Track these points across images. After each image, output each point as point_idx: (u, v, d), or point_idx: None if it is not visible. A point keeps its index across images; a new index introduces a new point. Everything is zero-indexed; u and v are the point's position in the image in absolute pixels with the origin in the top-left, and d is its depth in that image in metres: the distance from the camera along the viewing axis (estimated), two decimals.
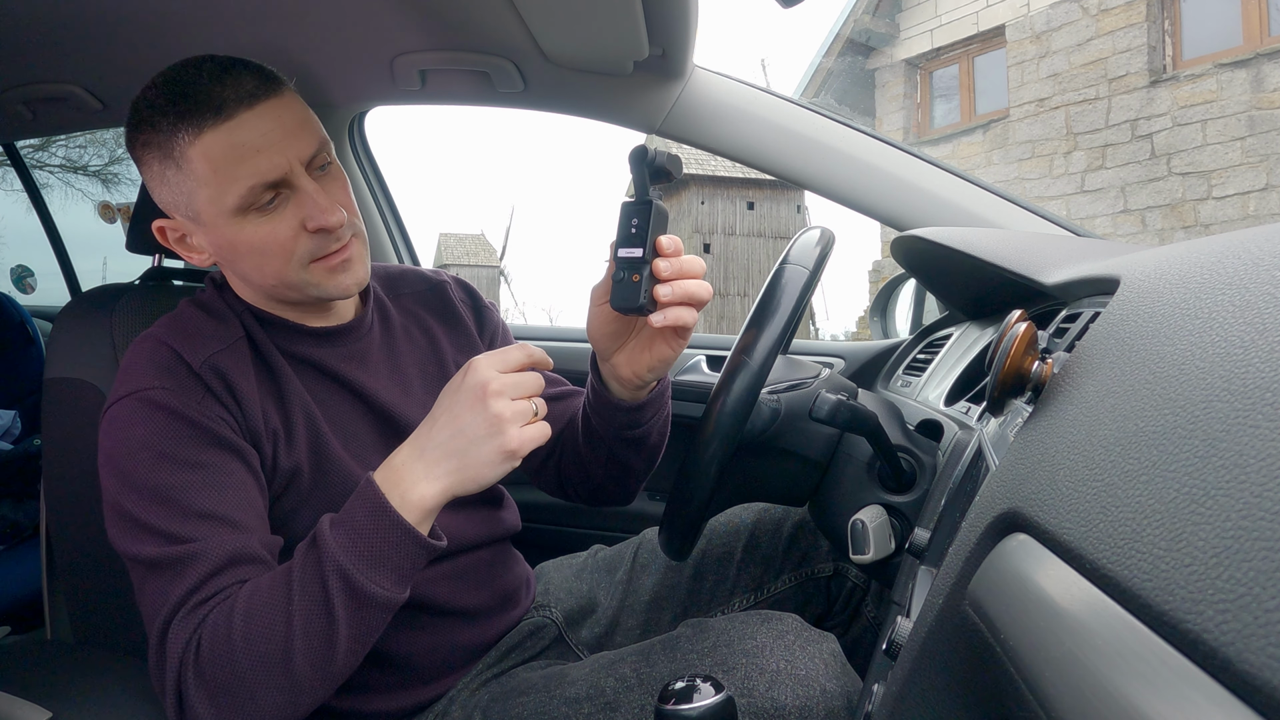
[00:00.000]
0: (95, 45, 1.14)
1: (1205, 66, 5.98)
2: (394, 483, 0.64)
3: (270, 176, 0.68)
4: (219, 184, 0.67)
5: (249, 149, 0.67)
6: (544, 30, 1.07)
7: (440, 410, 0.65)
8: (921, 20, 8.11)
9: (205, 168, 0.67)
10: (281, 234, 0.70)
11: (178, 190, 0.70)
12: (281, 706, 0.61)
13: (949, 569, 0.37)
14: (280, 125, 0.69)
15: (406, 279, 0.95)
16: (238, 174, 0.67)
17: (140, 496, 0.65)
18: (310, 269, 0.73)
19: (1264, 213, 5.66)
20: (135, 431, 0.67)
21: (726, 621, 0.78)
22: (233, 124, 0.67)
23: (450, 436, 0.63)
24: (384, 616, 0.64)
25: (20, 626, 1.55)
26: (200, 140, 0.67)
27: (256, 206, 0.69)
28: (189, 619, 0.63)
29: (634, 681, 0.75)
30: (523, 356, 0.66)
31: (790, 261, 0.76)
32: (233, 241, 0.71)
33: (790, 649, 0.72)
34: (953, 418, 0.90)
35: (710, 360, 1.56)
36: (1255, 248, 0.32)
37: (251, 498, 0.70)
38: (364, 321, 0.85)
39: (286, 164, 0.69)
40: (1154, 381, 0.29)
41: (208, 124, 0.66)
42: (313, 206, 0.70)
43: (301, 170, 0.70)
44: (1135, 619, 0.21)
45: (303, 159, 0.70)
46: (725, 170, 19.46)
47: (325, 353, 0.81)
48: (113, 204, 3.44)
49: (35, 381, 1.87)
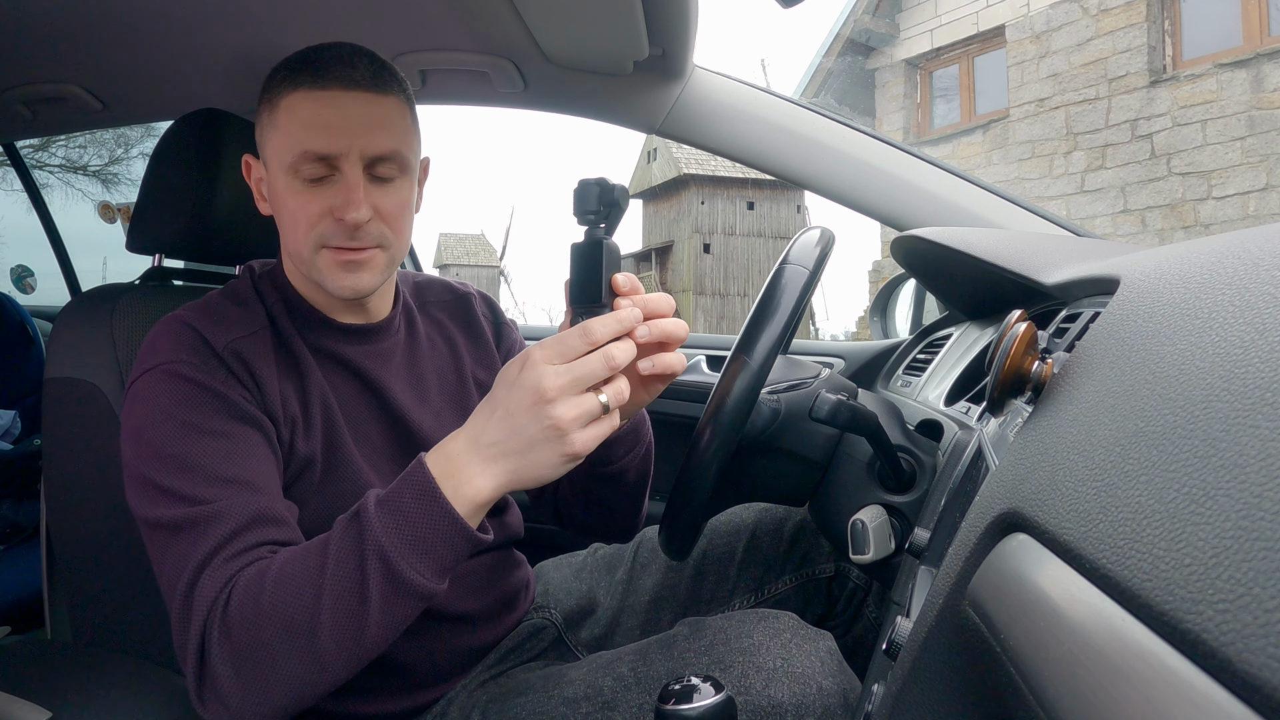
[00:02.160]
0: (95, 45, 1.14)
1: (1205, 66, 5.99)
2: (449, 472, 0.61)
3: (323, 150, 0.71)
4: (286, 138, 0.72)
5: (321, 121, 0.71)
6: (544, 30, 1.07)
7: (497, 402, 0.61)
8: (921, 20, 8.12)
9: (285, 119, 0.72)
10: (311, 209, 0.72)
11: (266, 132, 0.75)
12: (303, 680, 0.60)
13: (949, 569, 0.37)
14: (362, 117, 0.72)
15: (434, 288, 0.96)
16: (301, 136, 0.71)
17: (163, 463, 0.66)
18: (321, 254, 0.74)
19: (1264, 213, 5.66)
20: (160, 401, 0.69)
21: (723, 620, 0.78)
22: (323, 94, 0.72)
23: (507, 436, 0.60)
24: (418, 605, 0.62)
25: (20, 626, 1.55)
26: (293, 95, 0.72)
27: (305, 175, 0.72)
28: (216, 575, 0.62)
29: (631, 681, 0.75)
30: (583, 344, 0.59)
31: (790, 261, 0.76)
32: (278, 197, 0.75)
33: (787, 647, 0.73)
34: (953, 418, 0.90)
35: (710, 360, 1.56)
36: (1255, 248, 0.32)
37: (271, 468, 0.71)
38: (392, 324, 0.86)
39: (345, 148, 0.71)
40: (1154, 381, 0.29)
41: (303, 84, 0.72)
42: (343, 196, 0.72)
43: (357, 162, 0.72)
44: (1135, 619, 0.21)
45: (365, 154, 0.72)
46: (725, 170, 19.47)
47: (350, 349, 0.82)
48: (113, 204, 3.45)
49: (35, 381, 1.87)
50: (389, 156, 0.74)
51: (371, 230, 0.74)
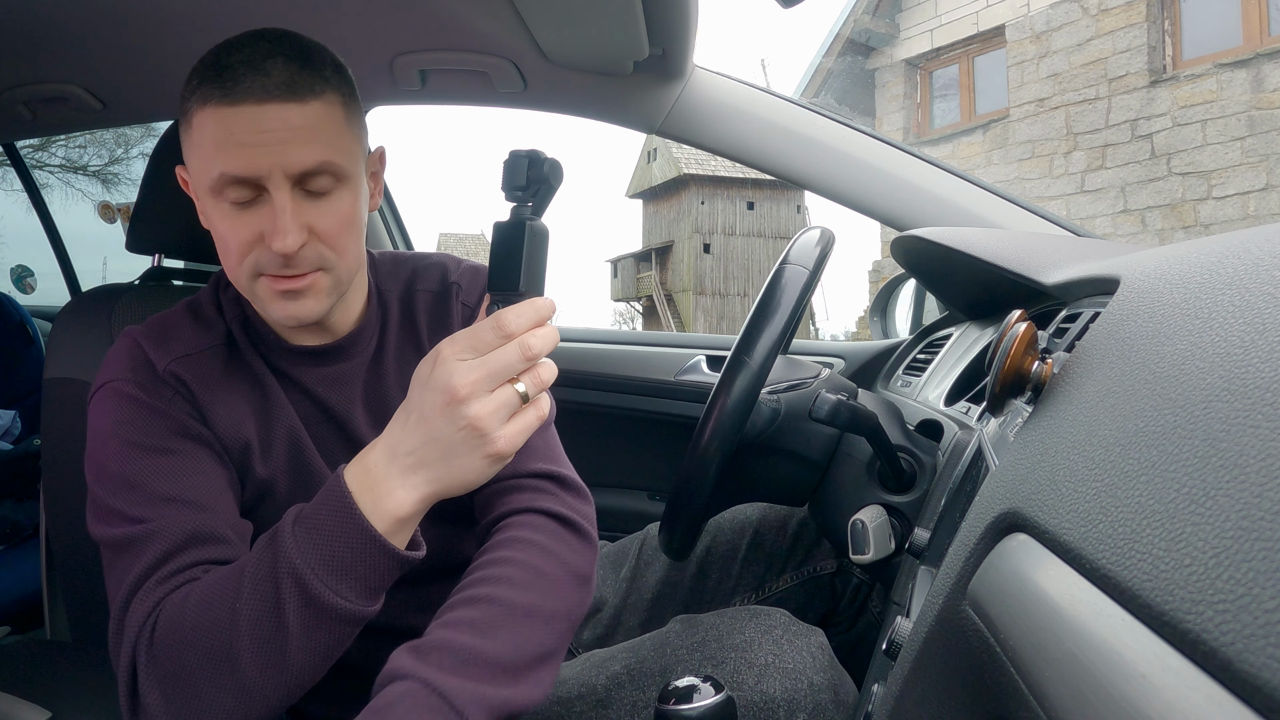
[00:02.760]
0: (95, 45, 1.14)
1: (1205, 66, 5.99)
2: (367, 486, 0.56)
3: (241, 173, 0.64)
4: (202, 159, 0.65)
5: (235, 140, 0.63)
6: (544, 30, 1.07)
7: (411, 406, 0.56)
8: (921, 20, 8.12)
9: (198, 137, 0.65)
10: (240, 236, 0.66)
11: (185, 147, 0.69)
12: (231, 710, 0.57)
13: (949, 569, 0.37)
14: (281, 130, 0.64)
15: (430, 275, 0.85)
16: (217, 158, 0.64)
17: (109, 481, 0.65)
18: (258, 283, 0.68)
19: (1264, 213, 5.66)
20: (107, 420, 0.68)
21: (716, 617, 0.78)
22: (234, 110, 0.63)
23: (423, 442, 0.55)
24: (349, 629, 0.58)
25: (20, 626, 1.55)
26: (203, 110, 0.64)
27: (229, 199, 0.65)
28: (147, 598, 0.60)
29: (625, 678, 0.75)
30: (494, 337, 0.54)
31: (790, 261, 0.76)
32: (209, 218, 0.69)
33: (778, 643, 0.73)
34: (953, 418, 0.90)
35: (710, 360, 1.56)
36: (1255, 248, 0.32)
37: (219, 485, 0.68)
38: (357, 341, 0.78)
39: (267, 170, 0.64)
40: (1154, 381, 0.29)
41: (212, 99, 0.64)
42: (271, 223, 0.64)
43: (283, 183, 0.64)
44: (1135, 619, 0.21)
45: (290, 172, 0.64)
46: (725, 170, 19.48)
47: (307, 373, 0.76)
48: (113, 204, 3.45)
49: (35, 381, 1.86)
50: (319, 170, 0.65)
51: (308, 255, 0.66)
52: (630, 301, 22.85)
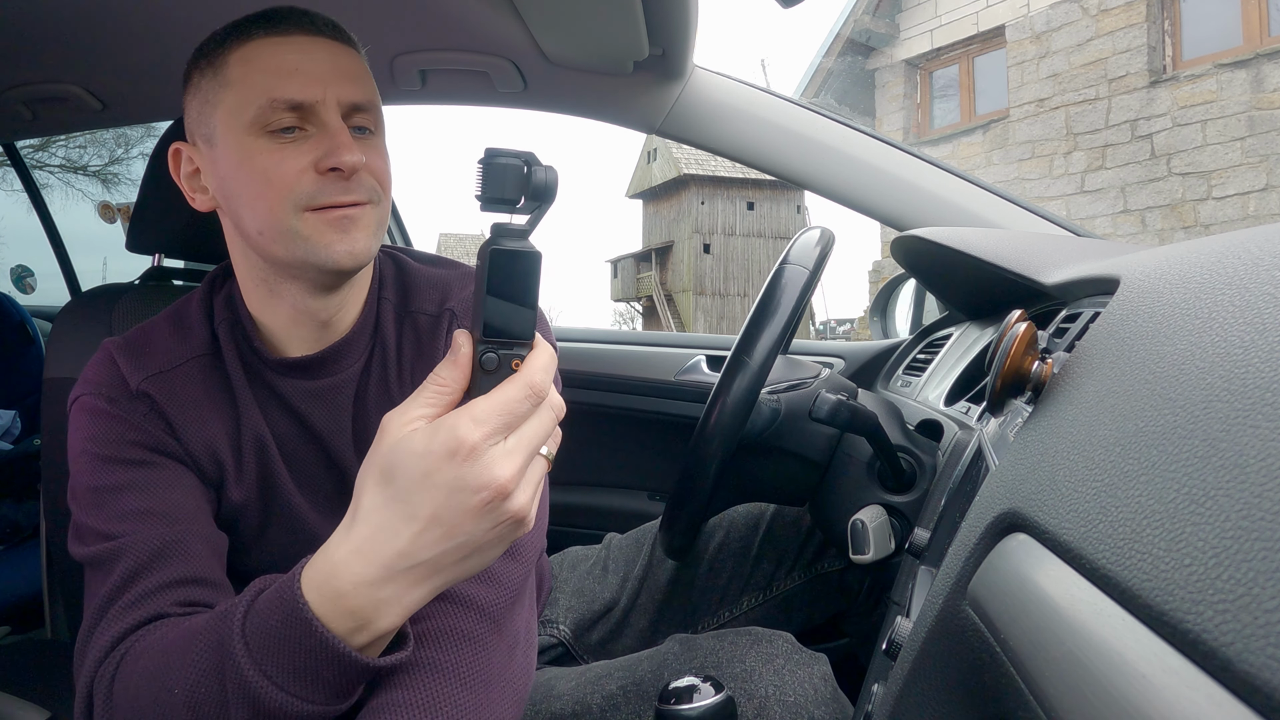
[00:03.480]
0: (95, 45, 1.14)
1: (1205, 66, 5.99)
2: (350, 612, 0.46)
3: (296, 97, 0.61)
4: (243, 92, 0.62)
5: (287, 66, 0.61)
6: (544, 30, 1.07)
7: (419, 507, 0.44)
8: (921, 20, 8.12)
9: (238, 72, 0.62)
10: (286, 168, 0.61)
11: (204, 104, 0.65)
12: None
13: (949, 569, 0.37)
14: (333, 62, 0.63)
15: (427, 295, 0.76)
16: (265, 84, 0.61)
17: (83, 497, 0.64)
18: (304, 218, 0.62)
19: (1264, 213, 5.66)
20: (80, 434, 0.66)
21: (715, 640, 0.77)
22: (282, 39, 0.62)
23: (446, 550, 0.45)
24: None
25: (20, 626, 1.56)
26: (244, 46, 0.63)
27: (271, 129, 0.62)
28: (111, 626, 0.57)
29: (620, 700, 0.75)
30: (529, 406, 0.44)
31: (790, 261, 0.76)
32: (236, 166, 0.63)
33: (780, 673, 0.72)
34: (953, 418, 0.90)
35: (710, 360, 1.56)
36: (1255, 248, 0.32)
37: (194, 500, 0.66)
38: (348, 349, 0.72)
39: (321, 95, 0.61)
40: (1154, 381, 0.29)
41: (256, 33, 0.63)
42: (332, 143, 0.61)
43: (334, 109, 0.62)
44: (1135, 619, 0.21)
45: (342, 101, 0.62)
46: (725, 170, 19.49)
47: (290, 386, 0.71)
48: (113, 204, 3.44)
49: (35, 381, 1.86)
50: (366, 107, 0.64)
51: (364, 181, 0.63)
52: (630, 302, 22.86)
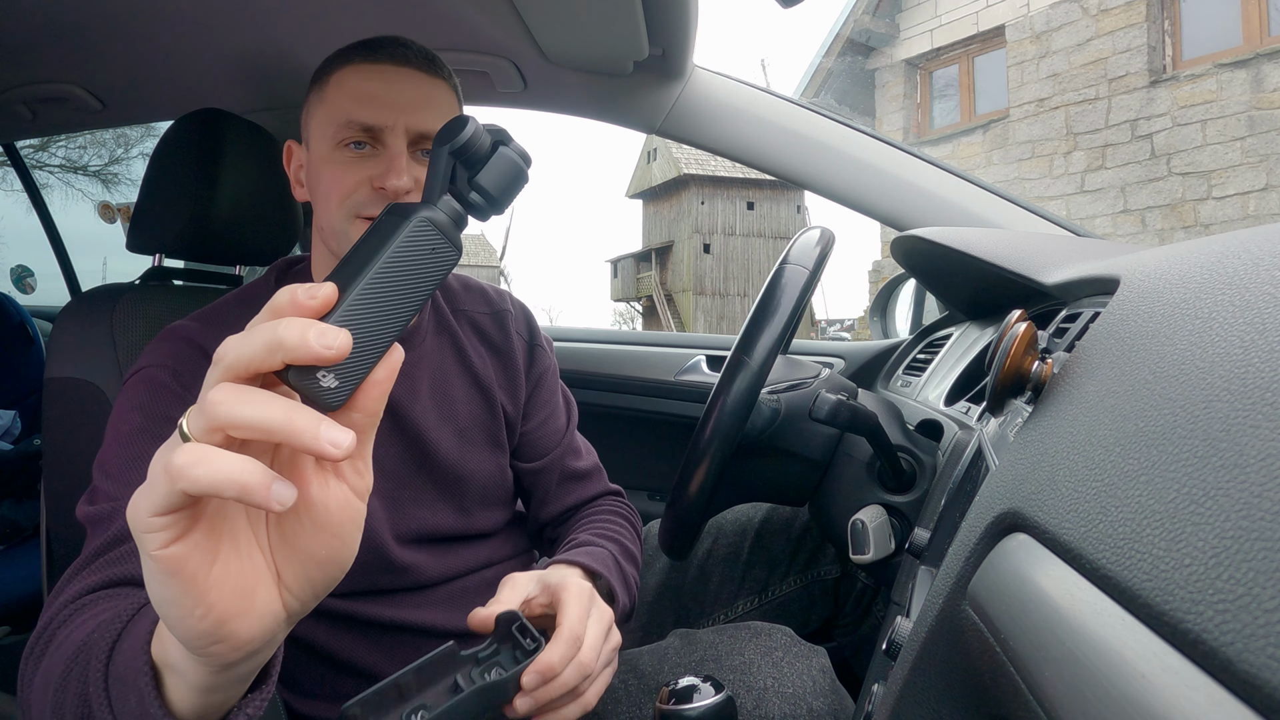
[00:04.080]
0: (95, 45, 1.14)
1: (1205, 66, 5.99)
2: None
3: (368, 121, 0.71)
4: (333, 110, 0.73)
5: (369, 93, 0.72)
6: (544, 30, 1.07)
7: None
8: (921, 20, 8.12)
9: (334, 92, 0.73)
10: (348, 178, 0.71)
11: (309, 113, 0.76)
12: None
13: (949, 569, 0.37)
14: (411, 93, 0.72)
15: (471, 297, 0.91)
16: (348, 107, 0.72)
17: (110, 464, 0.64)
18: (354, 223, 0.72)
19: (1264, 213, 5.66)
20: (126, 405, 0.67)
21: (715, 634, 0.77)
22: (373, 68, 0.73)
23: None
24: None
25: (20, 626, 1.55)
26: (344, 69, 0.73)
27: (346, 143, 0.72)
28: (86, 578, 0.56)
29: (621, 694, 0.75)
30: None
31: (790, 261, 0.76)
32: (318, 170, 0.74)
33: (778, 665, 0.72)
34: (953, 418, 0.90)
35: (710, 360, 1.56)
36: (1255, 248, 0.32)
37: None
38: (419, 330, 0.82)
39: (391, 121, 0.71)
40: (1154, 381, 0.29)
41: (355, 59, 0.73)
42: (389, 165, 0.71)
43: (401, 136, 0.72)
44: (1135, 619, 0.21)
45: (411, 129, 0.72)
46: (725, 170, 19.48)
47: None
48: (113, 204, 3.44)
49: (35, 381, 1.87)
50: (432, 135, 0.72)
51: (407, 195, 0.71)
52: (630, 302, 22.86)
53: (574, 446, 0.95)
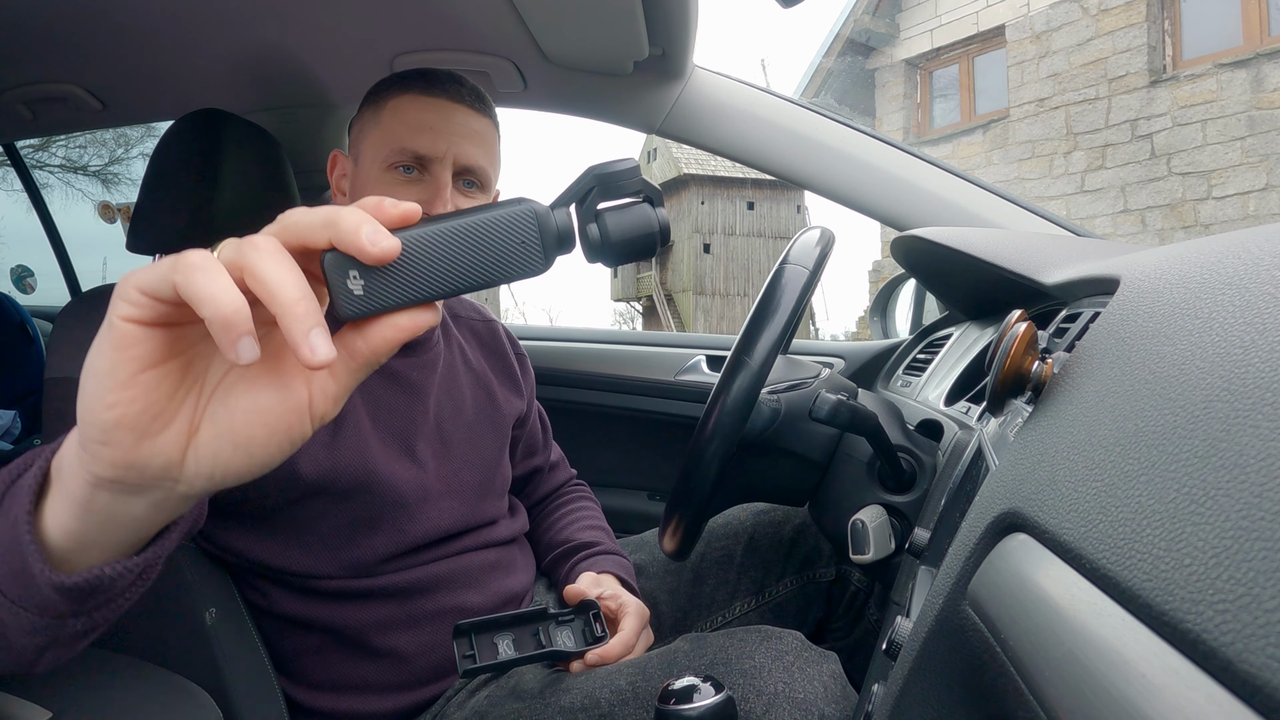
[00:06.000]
0: (95, 45, 1.14)
1: (1205, 66, 5.99)
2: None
3: (421, 150, 0.77)
4: (387, 134, 0.78)
5: (423, 123, 0.77)
6: (544, 30, 1.07)
7: None
8: (921, 20, 8.12)
9: (390, 118, 0.79)
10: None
11: (361, 131, 0.82)
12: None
13: (949, 569, 0.37)
14: (463, 128, 0.79)
15: (464, 305, 1.01)
16: (402, 134, 0.77)
17: None
18: None
19: (1264, 213, 5.66)
20: None
21: (725, 638, 0.77)
22: (430, 100, 0.78)
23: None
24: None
25: None
26: (402, 97, 0.79)
27: (398, 166, 0.78)
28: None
29: (629, 695, 0.75)
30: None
31: (790, 261, 0.76)
32: (365, 187, 0.79)
33: (789, 670, 0.71)
34: (953, 418, 0.90)
35: (710, 360, 1.56)
36: (1255, 248, 0.32)
37: None
38: (431, 335, 0.90)
39: (441, 152, 0.77)
40: (1154, 381, 0.29)
41: (413, 89, 0.79)
42: (433, 193, 0.77)
43: (448, 167, 0.78)
44: (1135, 619, 0.21)
45: (458, 162, 0.78)
46: (725, 170, 19.48)
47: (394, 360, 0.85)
48: (113, 204, 3.45)
49: (35, 381, 1.87)
50: (477, 170, 0.80)
51: None
52: (630, 302, 22.86)
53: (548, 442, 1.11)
